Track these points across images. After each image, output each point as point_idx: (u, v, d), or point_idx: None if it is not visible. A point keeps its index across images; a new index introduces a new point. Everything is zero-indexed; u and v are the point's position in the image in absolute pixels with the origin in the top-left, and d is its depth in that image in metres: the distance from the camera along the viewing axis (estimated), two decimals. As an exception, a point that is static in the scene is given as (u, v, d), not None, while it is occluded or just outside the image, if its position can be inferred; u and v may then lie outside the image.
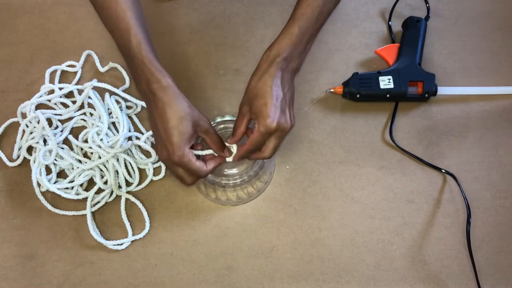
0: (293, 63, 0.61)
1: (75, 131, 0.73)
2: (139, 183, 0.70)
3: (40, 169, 0.68)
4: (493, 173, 0.70)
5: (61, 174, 0.70)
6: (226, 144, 0.62)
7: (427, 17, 0.81)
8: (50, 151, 0.68)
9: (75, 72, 0.79)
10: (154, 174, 0.71)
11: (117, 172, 0.69)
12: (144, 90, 0.58)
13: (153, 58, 0.58)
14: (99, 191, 0.69)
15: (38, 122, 0.71)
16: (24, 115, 0.74)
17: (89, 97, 0.73)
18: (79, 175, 0.69)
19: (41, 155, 0.67)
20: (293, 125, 0.60)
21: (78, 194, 0.68)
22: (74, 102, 0.75)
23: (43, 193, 0.69)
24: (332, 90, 0.75)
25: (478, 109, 0.75)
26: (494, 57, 0.79)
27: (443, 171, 0.69)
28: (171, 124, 0.55)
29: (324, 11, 0.62)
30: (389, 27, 0.82)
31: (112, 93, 0.75)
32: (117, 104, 0.74)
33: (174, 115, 0.56)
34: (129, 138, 0.72)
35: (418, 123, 0.74)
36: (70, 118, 0.74)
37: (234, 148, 0.62)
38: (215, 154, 0.61)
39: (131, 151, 0.71)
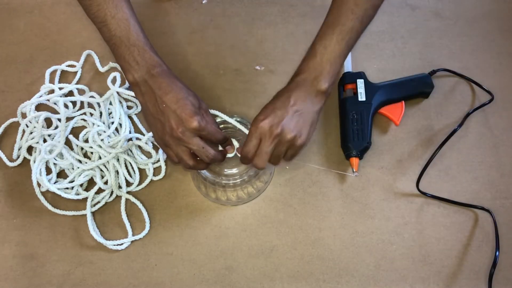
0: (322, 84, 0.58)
1: (75, 131, 0.73)
2: (139, 183, 0.70)
3: (40, 169, 0.68)
4: (493, 173, 0.70)
5: (61, 174, 0.70)
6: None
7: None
8: (53, 148, 0.68)
9: (75, 72, 0.79)
10: (154, 174, 0.71)
11: (117, 172, 0.69)
12: (143, 76, 0.57)
13: (152, 46, 0.59)
14: (99, 191, 0.69)
15: (38, 122, 0.71)
16: (24, 115, 0.74)
17: (110, 103, 0.74)
18: (79, 175, 0.69)
19: (43, 149, 0.67)
20: (303, 143, 0.57)
21: (78, 194, 0.68)
22: (74, 102, 0.75)
23: (43, 193, 0.69)
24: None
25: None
26: (494, 57, 0.79)
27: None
28: (181, 95, 0.56)
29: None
30: None
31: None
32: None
33: (180, 90, 0.57)
34: (129, 139, 0.72)
35: (418, 123, 0.74)
36: (70, 118, 0.74)
37: (236, 143, 0.64)
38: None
39: (131, 151, 0.71)
